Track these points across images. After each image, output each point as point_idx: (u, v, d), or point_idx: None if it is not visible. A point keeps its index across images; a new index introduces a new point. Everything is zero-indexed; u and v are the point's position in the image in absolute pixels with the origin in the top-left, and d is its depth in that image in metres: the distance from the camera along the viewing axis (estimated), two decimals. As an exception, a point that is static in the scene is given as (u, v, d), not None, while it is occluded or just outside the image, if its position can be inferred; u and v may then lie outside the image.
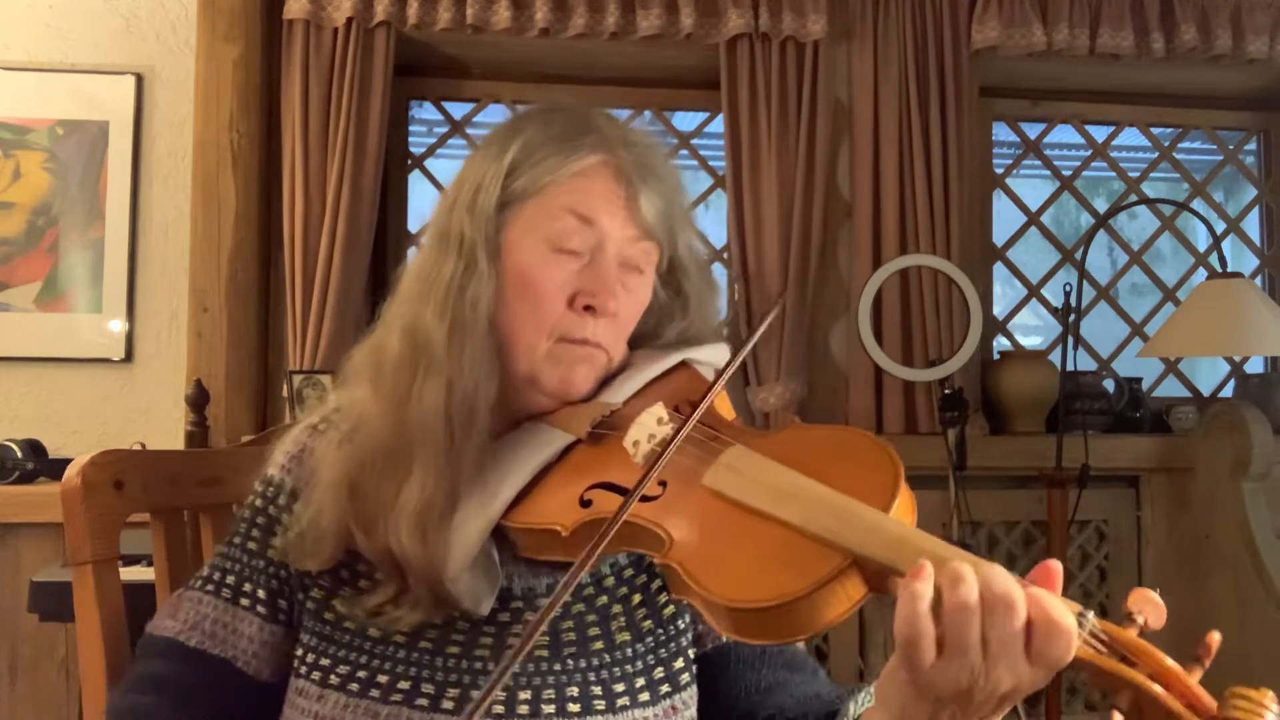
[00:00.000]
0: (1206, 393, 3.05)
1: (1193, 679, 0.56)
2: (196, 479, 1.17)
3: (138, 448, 1.42)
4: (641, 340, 0.94)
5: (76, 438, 2.53)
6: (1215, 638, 0.57)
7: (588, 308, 0.86)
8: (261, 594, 0.89)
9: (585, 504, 0.78)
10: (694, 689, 0.87)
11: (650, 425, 0.80)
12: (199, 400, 2.37)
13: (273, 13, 2.58)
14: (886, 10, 2.72)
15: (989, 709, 0.61)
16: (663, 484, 0.75)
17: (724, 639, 0.88)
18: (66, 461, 1.06)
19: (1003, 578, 0.59)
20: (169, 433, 2.52)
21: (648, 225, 0.88)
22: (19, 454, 2.35)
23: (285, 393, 2.45)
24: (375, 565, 0.85)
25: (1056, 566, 0.62)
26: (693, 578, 0.67)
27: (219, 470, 1.20)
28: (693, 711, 0.86)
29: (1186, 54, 2.77)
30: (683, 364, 0.90)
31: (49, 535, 2.32)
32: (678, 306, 0.95)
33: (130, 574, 1.40)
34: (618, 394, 0.88)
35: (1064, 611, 0.58)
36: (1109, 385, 2.90)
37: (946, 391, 2.39)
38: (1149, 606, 0.58)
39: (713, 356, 0.91)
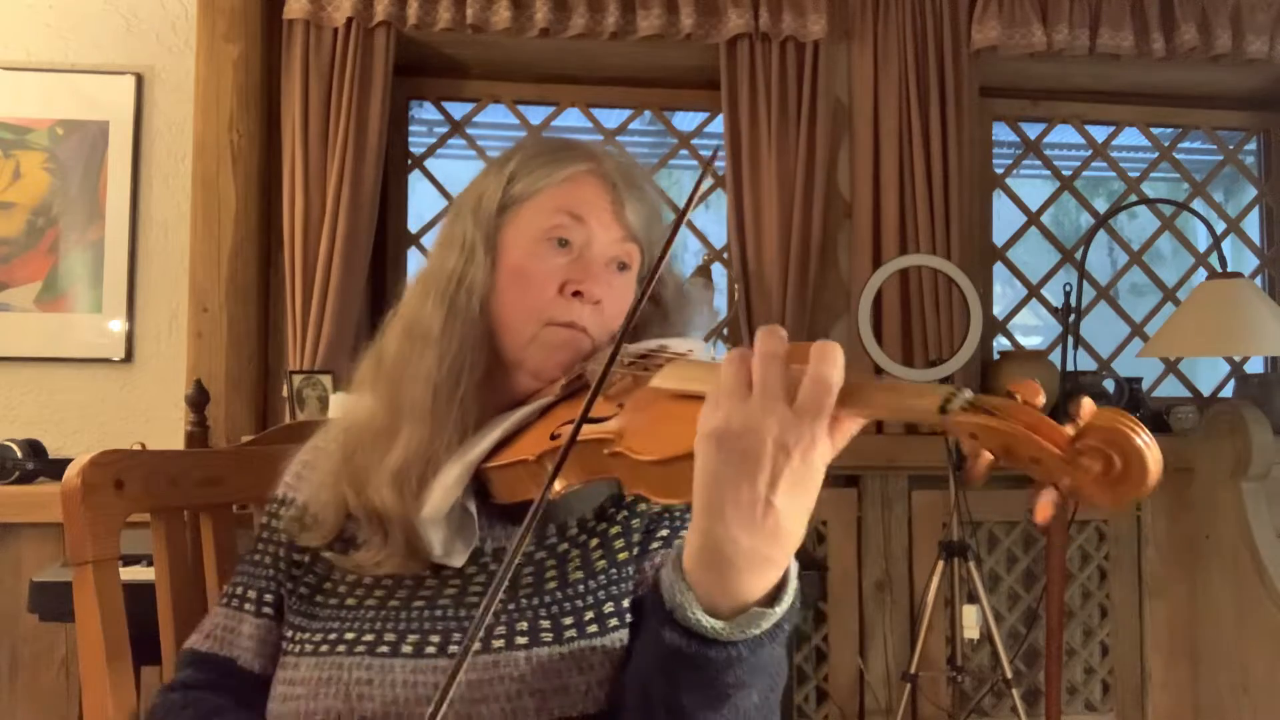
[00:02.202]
0: (1206, 393, 3.05)
1: (1059, 425, 0.59)
2: (196, 479, 1.17)
3: (138, 448, 1.42)
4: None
5: (76, 438, 2.53)
6: (1088, 400, 0.60)
7: (576, 293, 0.94)
8: (252, 594, 0.97)
9: (554, 437, 0.85)
10: None
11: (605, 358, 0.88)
12: (199, 400, 2.37)
13: (273, 13, 2.58)
14: (886, 10, 2.72)
15: (764, 457, 0.64)
16: (620, 405, 0.82)
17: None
18: (66, 461, 1.06)
19: (776, 339, 0.66)
20: (169, 433, 2.52)
21: (632, 228, 0.98)
22: (19, 454, 2.36)
23: (285, 393, 2.45)
24: (363, 522, 0.93)
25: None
26: (632, 450, 0.74)
27: (219, 470, 1.20)
28: None
29: (1186, 54, 2.77)
30: (659, 348, 0.97)
31: (49, 535, 2.32)
32: (655, 315, 1.02)
33: (130, 574, 1.40)
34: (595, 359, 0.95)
35: (829, 369, 0.64)
36: (1109, 385, 2.90)
37: (946, 391, 2.38)
38: (1025, 387, 0.61)
39: (685, 344, 0.96)
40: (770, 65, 2.67)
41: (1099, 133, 3.06)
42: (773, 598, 0.70)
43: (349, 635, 0.88)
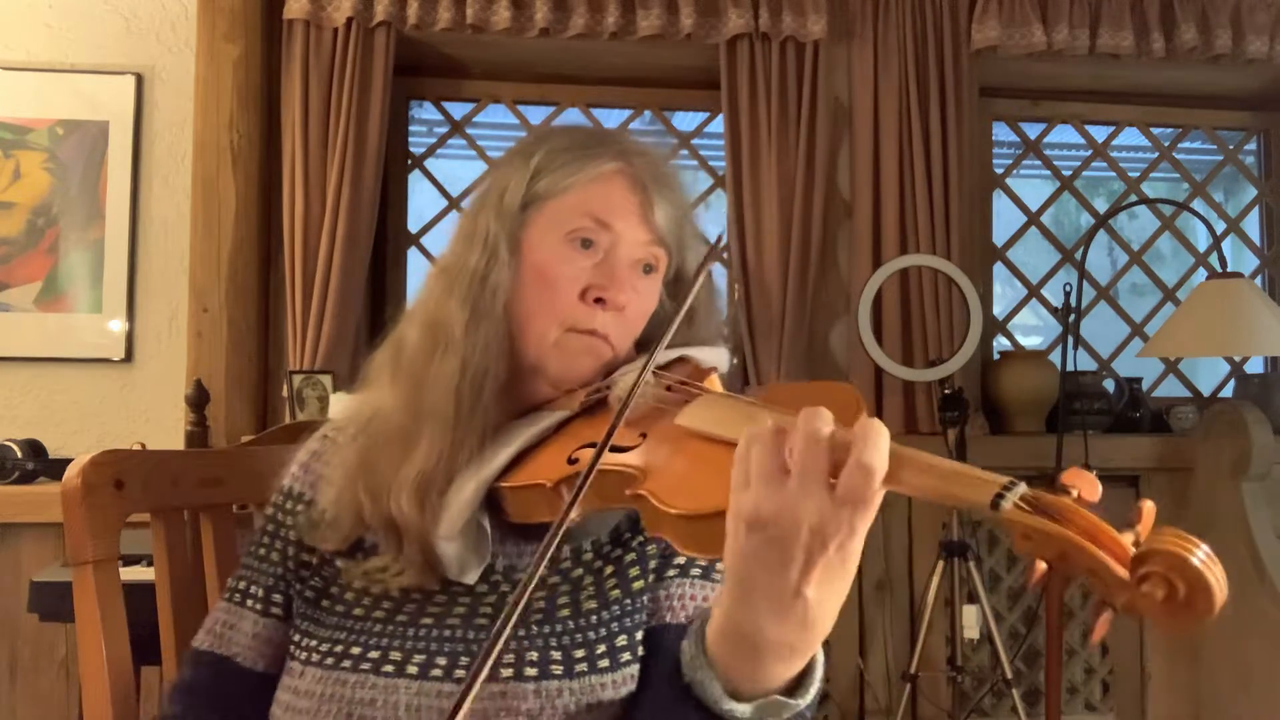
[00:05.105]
0: (1206, 393, 3.05)
1: (1119, 535, 0.56)
2: (196, 479, 1.17)
3: (138, 448, 1.42)
4: (646, 346, 0.96)
5: (76, 438, 2.53)
6: (1148, 504, 0.57)
7: (599, 300, 0.91)
8: (259, 591, 0.95)
9: (572, 461, 0.83)
10: None
11: (631, 380, 0.84)
12: (199, 400, 2.37)
13: (273, 13, 2.58)
14: (886, 10, 2.72)
15: (797, 547, 0.62)
16: (643, 435, 0.80)
17: (665, 620, 0.90)
18: (66, 461, 1.06)
19: (821, 421, 0.62)
20: (169, 433, 2.52)
21: (659, 231, 0.94)
22: (19, 454, 2.36)
23: (285, 393, 2.45)
24: (377, 532, 0.91)
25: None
26: (657, 498, 0.72)
27: (219, 470, 1.20)
28: None
29: (1186, 54, 2.77)
30: (681, 358, 0.94)
31: (49, 535, 2.32)
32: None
33: (130, 574, 1.40)
34: (620, 382, 0.91)
35: (874, 455, 0.61)
36: (1109, 385, 2.90)
37: (946, 391, 2.39)
38: (1082, 480, 0.58)
39: (711, 356, 0.94)
40: (770, 65, 2.67)
41: (1099, 133, 3.07)
42: (796, 684, 0.69)
43: (354, 650, 0.86)
